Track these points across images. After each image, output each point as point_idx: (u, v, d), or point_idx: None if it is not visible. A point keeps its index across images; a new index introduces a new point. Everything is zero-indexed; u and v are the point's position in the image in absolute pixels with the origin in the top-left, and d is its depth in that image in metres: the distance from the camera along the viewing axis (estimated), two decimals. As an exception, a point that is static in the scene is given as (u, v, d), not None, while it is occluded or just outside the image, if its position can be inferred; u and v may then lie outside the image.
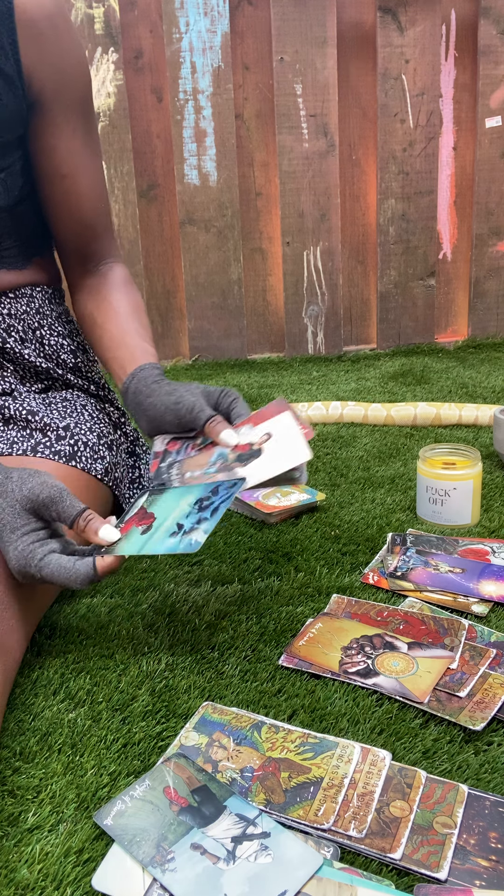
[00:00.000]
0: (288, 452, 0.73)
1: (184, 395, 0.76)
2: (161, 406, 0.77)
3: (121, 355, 0.85)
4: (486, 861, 0.48)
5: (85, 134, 0.84)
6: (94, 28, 1.73)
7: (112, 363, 0.86)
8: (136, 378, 0.81)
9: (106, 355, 0.87)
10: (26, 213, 0.88)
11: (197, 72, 1.78)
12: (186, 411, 0.76)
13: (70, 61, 0.79)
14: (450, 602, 0.77)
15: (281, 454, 0.72)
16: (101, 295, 0.91)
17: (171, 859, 0.48)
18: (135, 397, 0.81)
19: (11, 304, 0.87)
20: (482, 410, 1.32)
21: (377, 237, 1.96)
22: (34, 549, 0.63)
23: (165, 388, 0.78)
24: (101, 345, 0.88)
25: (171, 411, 0.77)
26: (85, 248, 0.90)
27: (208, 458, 0.75)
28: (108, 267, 0.93)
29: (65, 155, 0.83)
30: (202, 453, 0.76)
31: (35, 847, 0.49)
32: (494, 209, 1.97)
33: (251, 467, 0.72)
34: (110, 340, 0.87)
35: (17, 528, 0.63)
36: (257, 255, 1.97)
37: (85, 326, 0.91)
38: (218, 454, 0.75)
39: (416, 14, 1.81)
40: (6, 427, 0.81)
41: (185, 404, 0.76)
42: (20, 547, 0.63)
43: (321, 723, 0.60)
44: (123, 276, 0.93)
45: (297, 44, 1.79)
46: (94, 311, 0.90)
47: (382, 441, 1.26)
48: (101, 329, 0.88)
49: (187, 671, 0.67)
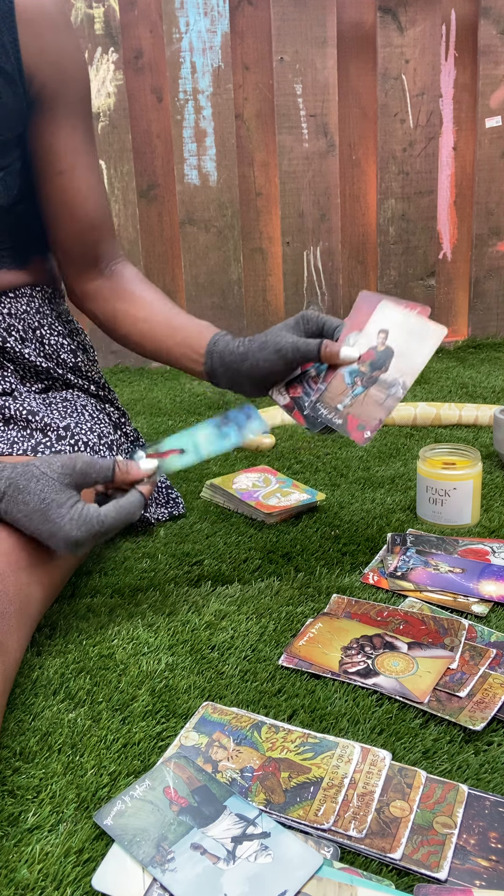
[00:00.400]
0: (420, 337, 0.71)
1: (278, 341, 0.76)
2: (264, 363, 0.77)
3: (182, 339, 0.84)
4: (486, 861, 0.48)
5: (84, 133, 0.84)
6: (94, 28, 1.73)
7: (176, 350, 0.84)
8: (216, 353, 0.81)
9: (165, 344, 0.85)
10: (25, 213, 0.87)
11: (197, 72, 1.78)
12: (293, 353, 0.75)
13: (70, 60, 0.80)
14: (450, 602, 0.77)
15: (415, 341, 0.71)
16: (128, 291, 0.89)
17: (171, 859, 0.48)
18: (226, 369, 0.80)
19: (11, 304, 0.87)
20: (482, 410, 1.32)
21: (377, 237, 1.96)
22: (87, 510, 0.67)
23: (254, 347, 0.78)
24: (151, 337, 0.86)
25: (278, 361, 0.76)
26: (93, 250, 0.89)
27: (342, 383, 0.75)
28: (121, 266, 0.92)
29: (64, 153, 0.83)
30: (331, 382, 0.76)
31: (35, 847, 0.49)
32: (494, 209, 1.97)
33: (396, 367, 0.72)
34: (163, 330, 0.85)
35: (63, 504, 0.66)
36: (257, 255, 1.97)
37: (119, 327, 0.89)
38: (348, 373, 0.75)
39: (416, 14, 1.81)
40: (6, 427, 0.81)
41: (288, 347, 0.75)
42: (75, 515, 0.66)
43: (321, 723, 0.60)
44: (139, 273, 0.92)
45: (297, 44, 1.79)
46: (128, 309, 0.88)
47: (382, 441, 1.26)
48: (147, 322, 0.87)
49: (187, 671, 0.67)
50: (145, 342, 0.87)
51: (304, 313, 0.78)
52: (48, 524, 0.66)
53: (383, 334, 0.73)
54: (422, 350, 0.71)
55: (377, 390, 0.73)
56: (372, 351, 0.73)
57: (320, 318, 0.78)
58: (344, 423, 0.75)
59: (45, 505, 0.66)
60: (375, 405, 0.73)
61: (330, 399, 0.76)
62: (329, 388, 0.76)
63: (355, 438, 0.74)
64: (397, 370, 0.72)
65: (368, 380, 0.73)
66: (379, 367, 0.73)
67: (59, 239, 0.88)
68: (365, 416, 0.73)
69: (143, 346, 0.88)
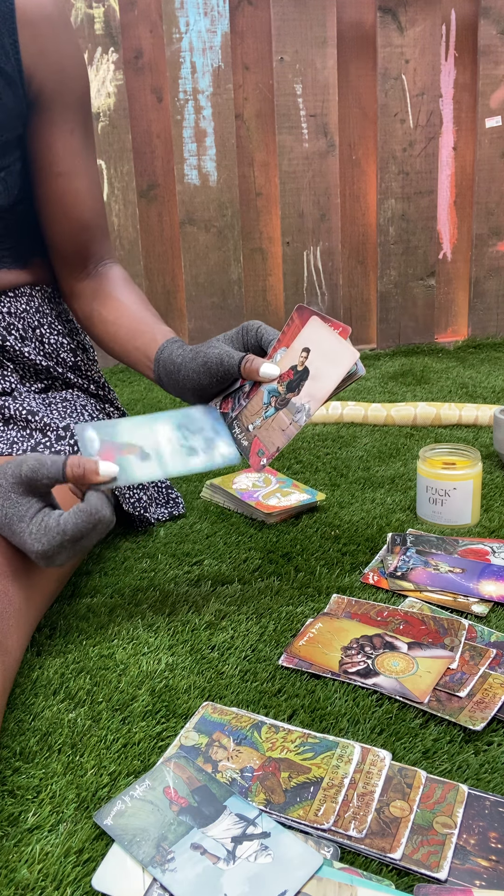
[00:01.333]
0: (334, 360, 0.66)
1: (207, 352, 0.73)
2: (193, 374, 0.74)
3: (140, 344, 0.83)
4: (486, 861, 0.48)
5: (82, 134, 0.84)
6: (94, 28, 1.73)
7: (134, 354, 0.84)
8: (161, 361, 0.79)
9: (125, 348, 0.85)
10: (25, 213, 0.88)
11: (197, 72, 1.78)
12: (217, 366, 0.72)
13: (70, 61, 0.80)
14: (450, 602, 0.77)
15: (328, 365, 0.66)
16: (106, 293, 0.89)
17: (171, 859, 0.48)
18: (169, 378, 0.78)
19: (11, 303, 0.87)
20: (482, 410, 1.32)
21: (377, 237, 1.96)
22: (47, 520, 0.62)
23: (189, 355, 0.75)
24: (116, 339, 0.86)
25: (204, 373, 0.73)
26: (84, 250, 0.89)
27: (261, 401, 0.71)
28: (108, 267, 0.92)
29: (62, 154, 0.83)
30: (253, 399, 0.72)
31: (35, 847, 0.49)
32: (494, 209, 1.97)
33: (307, 391, 0.67)
34: (126, 333, 0.85)
35: (24, 517, 0.63)
36: (257, 255, 1.97)
37: (94, 327, 0.89)
38: (267, 392, 0.70)
39: (416, 14, 1.81)
40: (6, 427, 0.81)
41: (213, 359, 0.72)
42: (33, 529, 0.62)
43: (321, 723, 0.60)
44: (123, 275, 0.92)
45: (297, 44, 1.80)
46: (101, 310, 0.88)
47: (382, 441, 1.26)
48: (115, 325, 0.86)
49: (187, 671, 0.67)
50: (112, 344, 0.87)
51: (246, 324, 0.75)
52: (15, 537, 0.63)
53: (305, 353, 0.68)
54: (331, 375, 0.66)
55: (284, 414, 0.69)
56: (292, 370, 0.69)
57: (260, 329, 0.74)
58: (248, 446, 0.71)
59: (7, 520, 0.63)
60: (278, 431, 0.69)
61: (245, 418, 0.72)
62: (248, 405, 0.72)
63: (252, 463, 0.70)
64: (307, 394, 0.67)
65: (281, 401, 0.69)
66: (293, 388, 0.68)
67: (51, 238, 0.88)
68: (266, 442, 0.70)
69: (111, 348, 0.88)
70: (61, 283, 0.93)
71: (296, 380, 0.68)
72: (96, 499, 0.63)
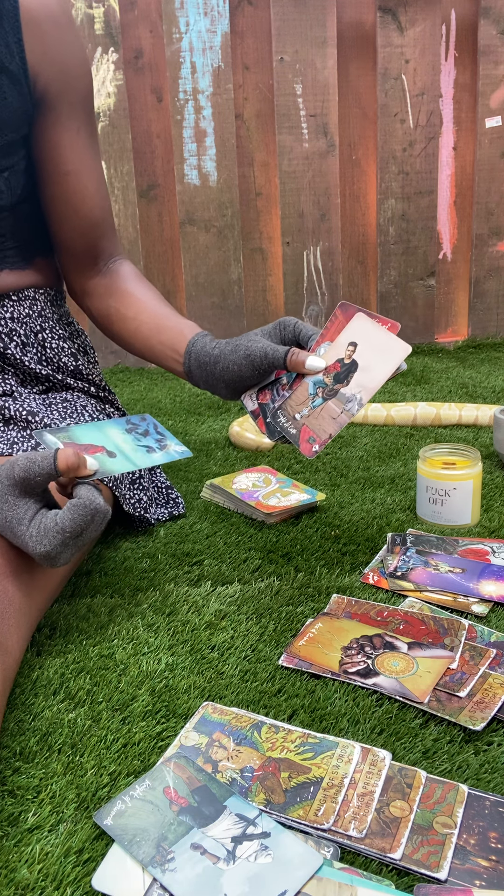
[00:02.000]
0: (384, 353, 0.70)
1: (249, 345, 0.75)
2: (234, 366, 0.76)
3: (166, 339, 0.84)
4: (486, 861, 0.48)
5: (88, 132, 0.85)
6: (94, 28, 1.73)
7: (159, 349, 0.84)
8: (193, 355, 0.80)
9: (149, 343, 0.85)
10: (29, 213, 0.88)
11: (197, 72, 1.78)
12: (261, 359, 0.75)
13: (74, 60, 0.80)
14: (450, 602, 0.77)
15: (378, 358, 0.70)
16: (122, 290, 0.90)
17: (171, 859, 0.48)
18: (202, 371, 0.79)
19: (14, 307, 0.87)
20: (482, 410, 1.32)
21: (377, 237, 1.96)
22: (45, 520, 0.63)
23: (228, 349, 0.77)
24: (138, 335, 0.87)
25: (247, 365, 0.75)
26: (94, 248, 0.89)
27: (306, 392, 0.74)
28: (119, 264, 0.92)
29: (69, 152, 0.83)
30: (297, 390, 0.75)
31: (35, 847, 0.49)
32: (494, 209, 1.97)
33: (357, 382, 0.70)
34: (148, 329, 0.85)
35: (22, 519, 0.63)
36: (257, 255, 1.97)
37: (112, 325, 0.90)
38: (313, 383, 0.73)
39: (416, 14, 1.81)
40: (6, 427, 0.81)
41: (257, 352, 0.75)
42: (33, 530, 0.63)
43: (321, 723, 0.60)
44: (135, 271, 0.92)
45: (297, 44, 1.80)
46: (119, 307, 0.89)
47: (382, 441, 1.26)
48: (135, 321, 0.87)
49: (187, 671, 0.67)
50: (133, 340, 0.87)
51: (283, 319, 0.78)
52: (17, 540, 0.64)
53: (352, 347, 0.72)
54: (383, 367, 0.70)
55: (335, 404, 0.72)
56: (339, 363, 0.72)
57: (297, 325, 0.77)
58: (297, 434, 0.74)
59: (8, 523, 0.63)
60: (329, 419, 0.72)
61: (291, 408, 0.75)
62: (293, 396, 0.75)
63: (304, 451, 0.73)
64: (357, 385, 0.71)
65: (329, 392, 0.72)
66: (341, 380, 0.71)
67: (61, 237, 0.89)
68: (317, 429, 0.72)
69: (132, 344, 0.88)
70: (72, 283, 0.93)
71: (343, 372, 0.72)
72: (87, 491, 0.63)
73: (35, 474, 0.63)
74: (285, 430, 0.75)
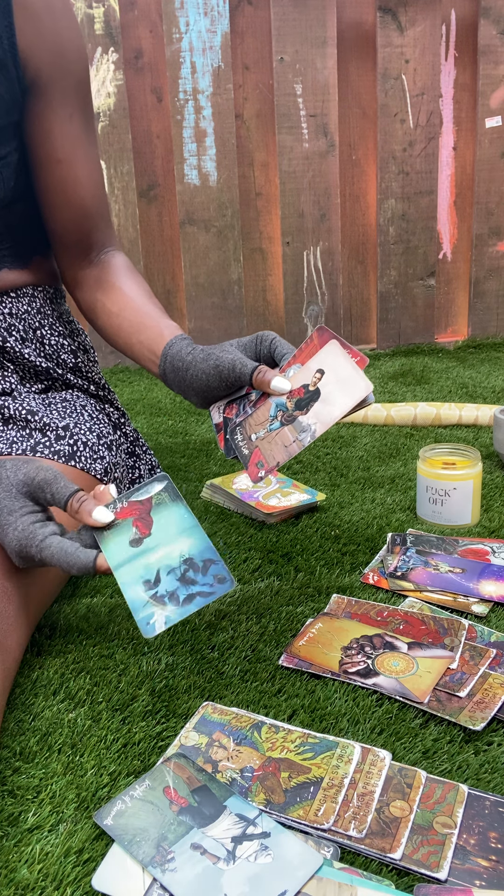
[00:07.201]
0: (346, 388, 0.67)
1: (220, 355, 0.73)
2: (203, 375, 0.74)
3: (146, 338, 0.82)
4: (486, 861, 0.48)
5: (82, 120, 0.83)
6: (94, 28, 1.73)
7: (138, 348, 0.83)
8: (168, 357, 0.78)
9: (129, 341, 0.84)
10: (26, 212, 0.87)
11: (197, 72, 1.78)
12: (229, 371, 0.72)
13: (67, 44, 0.78)
14: (450, 602, 0.77)
15: (341, 392, 0.67)
16: (109, 283, 0.88)
17: (171, 859, 0.48)
18: (175, 375, 0.78)
19: (13, 304, 0.87)
20: (482, 410, 1.32)
21: (377, 237, 1.96)
22: (35, 529, 0.62)
23: (200, 357, 0.75)
24: (120, 333, 0.85)
25: (215, 376, 0.73)
26: (87, 238, 0.88)
27: (267, 413, 0.71)
28: (110, 255, 0.91)
29: (61, 140, 0.81)
30: (259, 408, 0.72)
31: (35, 847, 0.49)
32: (494, 209, 1.97)
33: (315, 413, 0.68)
34: (130, 326, 0.84)
35: (14, 511, 0.63)
36: (257, 255, 1.97)
37: (97, 318, 0.89)
38: (275, 405, 0.71)
39: (416, 14, 1.81)
40: (6, 427, 0.81)
41: (225, 364, 0.72)
42: (20, 527, 0.62)
43: (321, 723, 0.60)
44: (126, 263, 0.91)
45: (297, 44, 1.79)
46: (104, 301, 0.87)
47: (382, 441, 1.26)
48: (118, 317, 0.85)
49: (187, 671, 0.67)
50: (116, 336, 0.86)
51: (262, 333, 0.75)
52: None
53: (319, 374, 0.69)
54: (342, 402, 0.67)
55: (290, 431, 0.69)
56: (303, 388, 0.69)
57: (274, 341, 0.74)
58: (248, 455, 0.72)
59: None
60: (281, 447, 0.69)
61: (249, 427, 0.72)
62: (254, 415, 0.72)
63: (250, 474, 0.70)
64: (314, 415, 0.68)
65: (288, 417, 0.69)
66: (301, 407, 0.69)
67: (53, 226, 0.87)
68: (268, 455, 0.70)
69: (114, 340, 0.87)
70: (64, 273, 0.92)
71: (306, 399, 0.69)
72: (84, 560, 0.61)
73: (48, 492, 0.64)
74: (238, 450, 0.72)
